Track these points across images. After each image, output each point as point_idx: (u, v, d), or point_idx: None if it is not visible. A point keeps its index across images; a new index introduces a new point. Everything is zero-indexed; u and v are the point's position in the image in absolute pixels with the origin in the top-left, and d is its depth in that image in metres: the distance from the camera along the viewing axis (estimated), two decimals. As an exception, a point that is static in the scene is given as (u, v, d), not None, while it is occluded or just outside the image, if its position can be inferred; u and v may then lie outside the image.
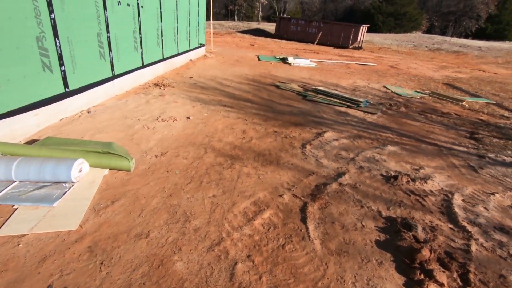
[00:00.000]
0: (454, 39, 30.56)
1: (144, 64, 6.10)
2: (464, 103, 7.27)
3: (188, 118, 4.40)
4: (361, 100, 6.04)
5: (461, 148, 4.40)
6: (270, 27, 27.48)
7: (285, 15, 30.38)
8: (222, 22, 29.24)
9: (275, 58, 12.10)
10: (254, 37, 22.44)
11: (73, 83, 4.04)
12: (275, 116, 4.98)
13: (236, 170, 3.06)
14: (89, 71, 4.36)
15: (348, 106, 5.91)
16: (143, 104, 4.79)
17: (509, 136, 5.16)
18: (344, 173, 3.24)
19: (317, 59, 12.90)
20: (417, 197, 2.92)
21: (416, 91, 8.16)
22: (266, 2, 40.68)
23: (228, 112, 4.89)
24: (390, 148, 4.11)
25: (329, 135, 4.33)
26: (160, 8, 6.62)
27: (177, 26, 7.87)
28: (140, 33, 5.74)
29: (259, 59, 11.46)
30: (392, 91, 7.91)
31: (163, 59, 7.18)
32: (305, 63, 11.21)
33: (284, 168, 3.24)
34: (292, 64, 10.99)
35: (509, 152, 4.39)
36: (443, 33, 44.67)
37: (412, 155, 3.97)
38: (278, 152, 3.62)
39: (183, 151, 3.37)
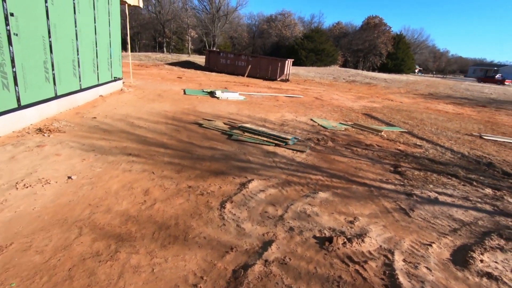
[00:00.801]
0: (365, 72, 35.12)
1: (22, 104, 4.76)
2: (382, 133, 7.64)
3: (69, 178, 3.29)
4: (289, 137, 5.72)
5: (389, 186, 4.24)
6: (201, 59, 27.41)
7: (214, 49, 30.88)
8: (149, 53, 28.11)
9: (203, 91, 11.55)
10: (183, 69, 21.85)
11: None
12: (192, 164, 4.20)
13: (120, 263, 2.12)
14: None
15: (276, 145, 5.50)
16: (4, 162, 3.50)
17: (426, 167, 5.33)
18: (271, 242, 2.58)
19: (246, 92, 12.80)
20: (357, 266, 2.40)
21: (341, 123, 8.40)
22: (196, 35, 41.19)
23: (131, 164, 3.92)
24: (322, 195, 3.67)
25: (254, 185, 3.71)
26: (49, 37, 5.45)
27: (78, 58, 6.68)
28: (13, 66, 4.47)
29: (185, 93, 10.73)
30: (318, 124, 7.95)
31: (57, 97, 5.87)
32: (234, 96, 10.90)
33: (193, 246, 2.42)
34: (220, 98, 10.54)
35: (431, 186, 4.40)
36: (355, 67, 51.39)
37: (344, 201, 3.58)
38: (189, 219, 2.80)
39: (41, 238, 2.29)
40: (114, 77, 9.45)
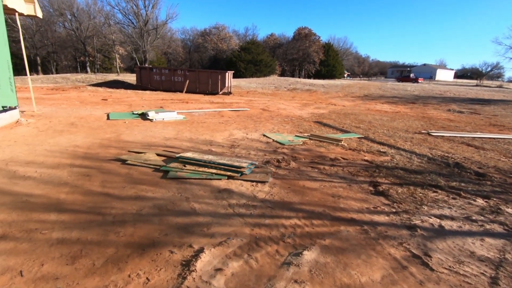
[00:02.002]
0: (304, 80, 36.28)
1: None
2: (343, 142, 6.95)
3: None
4: (244, 164, 4.49)
5: (382, 218, 3.28)
6: (132, 78, 24.84)
7: (146, 65, 28.50)
8: (68, 75, 24.46)
9: (132, 114, 9.71)
10: (111, 90, 19.23)
11: None
12: (103, 236, 2.65)
13: None
14: None
15: (229, 177, 4.22)
16: None
17: (405, 180, 4.61)
18: None
19: (186, 110, 11.30)
20: None
21: (296, 136, 7.51)
22: (126, 52, 37.89)
23: (-17, 259, 2.23)
24: (308, 256, 2.49)
25: (206, 260, 2.36)
26: None
27: None
28: None
29: (108, 118, 8.79)
30: (273, 140, 6.92)
31: None
32: (171, 116, 9.33)
33: None
34: (154, 119, 8.87)
35: (425, 208, 3.59)
36: (292, 75, 53.33)
37: (341, 261, 2.46)
38: None
39: None
40: (3, 107, 7.13)
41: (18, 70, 34.88)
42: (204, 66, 51.23)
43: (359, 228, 3.04)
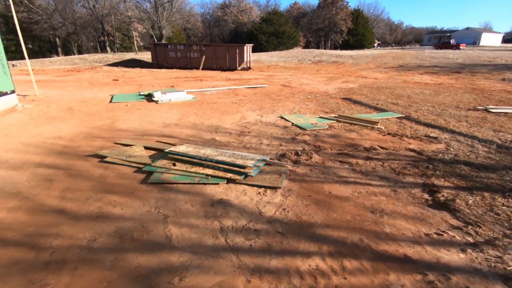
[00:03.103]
0: (330, 51, 33.56)
1: None
2: (379, 125, 5.60)
3: None
4: (249, 163, 3.41)
5: (454, 257, 2.11)
6: (149, 56, 24.08)
7: (163, 41, 27.51)
8: (86, 56, 24.18)
9: (138, 95, 8.86)
10: (126, 69, 18.60)
11: None
12: (25, 288, 1.77)
13: None
14: None
15: (229, 181, 3.19)
16: None
17: (473, 181, 3.32)
18: None
19: (198, 89, 10.27)
20: None
21: (321, 117, 6.24)
22: (145, 30, 37.03)
23: None
24: None
25: None
26: None
27: None
28: None
29: (111, 101, 8.00)
30: (293, 124, 5.73)
31: None
32: (179, 97, 8.36)
33: None
34: (160, 101, 7.95)
35: (519, 234, 2.34)
36: (317, 46, 49.95)
37: None
38: None
39: None
40: (-5, 92, 6.51)
41: (42, 52, 35.49)
42: (224, 40, 49.36)
43: (420, 277, 1.91)
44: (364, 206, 2.79)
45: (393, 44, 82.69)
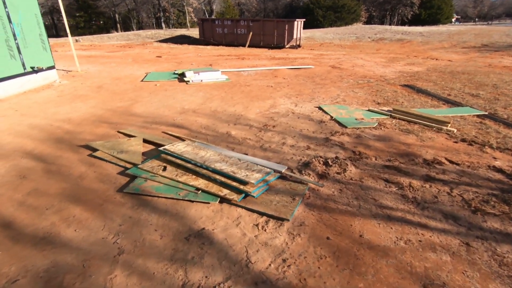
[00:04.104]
0: (395, 27, 29.51)
1: None
2: (449, 126, 4.20)
3: None
4: (253, 177, 2.55)
5: None
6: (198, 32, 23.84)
7: (213, 17, 26.96)
8: (140, 32, 24.91)
9: (173, 74, 8.43)
10: (174, 45, 18.57)
11: None
12: None
13: None
14: None
15: (222, 200, 2.40)
16: None
17: None
18: None
19: (236, 68, 9.47)
20: None
21: (370, 111, 4.99)
22: (199, 5, 36.91)
23: None
24: None
25: None
26: None
27: None
28: None
29: (143, 80, 7.69)
30: (331, 118, 4.63)
31: None
32: (212, 77, 7.69)
33: None
34: (190, 81, 7.39)
35: None
36: (382, 22, 44.68)
37: None
38: None
39: None
40: (32, 67, 6.58)
41: (106, 28, 37.93)
42: (279, 16, 47.01)
43: None
44: (412, 272, 1.78)
45: (476, 19, 70.36)
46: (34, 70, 6.67)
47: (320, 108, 5.15)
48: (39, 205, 2.35)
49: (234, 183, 2.49)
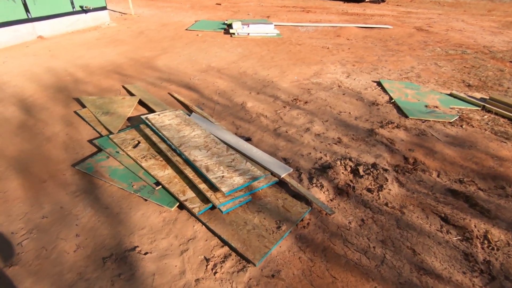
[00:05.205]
0: (525, -19, 22.33)
1: None
2: None
3: None
4: (230, 182, 1.78)
5: None
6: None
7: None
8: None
9: (222, 24, 7.59)
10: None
11: None
12: None
13: None
14: None
15: (181, 205, 1.73)
16: None
17: None
18: None
19: (295, 23, 8.12)
20: None
21: (452, 95, 3.53)
22: None
23: None
24: None
25: None
26: None
27: None
28: None
29: (188, 28, 7.07)
30: (390, 100, 3.39)
31: None
32: (261, 31, 6.64)
33: None
34: (235, 34, 6.50)
35: None
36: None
37: None
38: None
39: None
40: (81, 6, 6.46)
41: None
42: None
43: None
44: None
45: None
46: (83, 10, 6.55)
47: (379, 84, 3.87)
48: (-18, 171, 2.03)
49: (202, 186, 1.78)
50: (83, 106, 2.89)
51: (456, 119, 2.98)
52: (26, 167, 2.07)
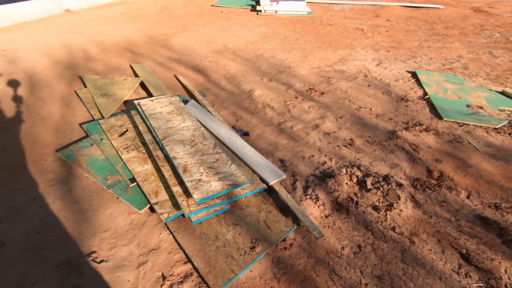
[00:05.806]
0: None
1: None
2: None
3: None
4: (213, 182, 1.56)
5: None
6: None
7: None
8: None
9: (250, 0, 7.14)
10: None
11: None
12: None
13: None
14: None
15: (152, 208, 1.56)
16: None
17: None
18: None
19: (332, 1, 7.40)
20: None
21: (504, 94, 2.92)
22: None
23: None
24: None
25: None
26: None
27: None
28: None
29: (215, 4, 6.74)
30: (423, 96, 2.88)
31: None
32: (290, 9, 6.12)
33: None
34: (262, 11, 6.06)
35: None
36: None
37: None
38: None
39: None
40: (109, -21, 6.38)
41: None
42: None
43: None
44: None
45: None
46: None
47: (414, 75, 3.33)
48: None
49: (176, 188, 1.58)
50: (85, 86, 2.80)
51: (504, 125, 2.45)
52: (12, 149, 2.03)
